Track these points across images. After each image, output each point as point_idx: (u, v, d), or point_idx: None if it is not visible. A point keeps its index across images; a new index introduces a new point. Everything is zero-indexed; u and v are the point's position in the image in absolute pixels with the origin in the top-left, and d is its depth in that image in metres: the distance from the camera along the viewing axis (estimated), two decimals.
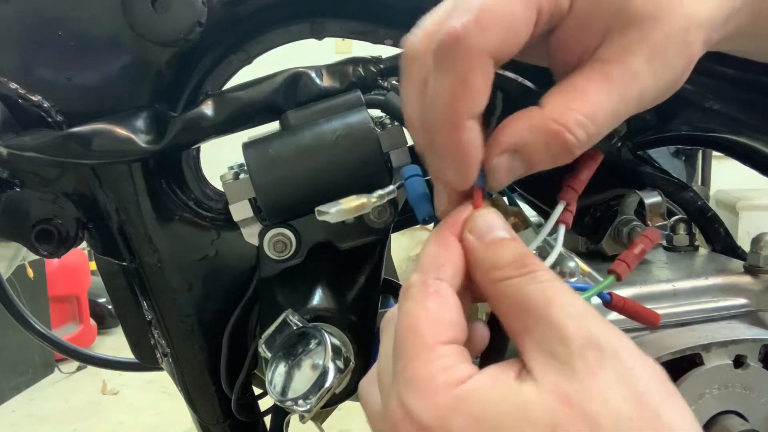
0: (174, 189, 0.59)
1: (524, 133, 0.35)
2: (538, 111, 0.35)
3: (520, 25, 0.34)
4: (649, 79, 0.35)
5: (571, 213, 0.41)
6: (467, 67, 0.34)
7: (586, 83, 0.35)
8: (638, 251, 0.41)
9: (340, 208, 0.41)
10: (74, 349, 0.80)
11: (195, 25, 0.50)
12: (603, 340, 0.30)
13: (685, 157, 2.94)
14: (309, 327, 0.49)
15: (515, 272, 0.33)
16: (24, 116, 0.52)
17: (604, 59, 0.35)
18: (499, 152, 0.36)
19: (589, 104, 0.34)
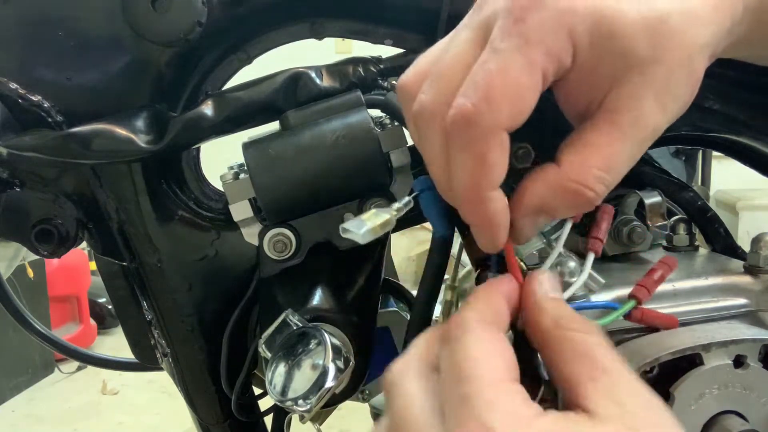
0: (174, 189, 0.59)
1: (545, 194, 0.37)
2: (555, 170, 0.37)
3: (528, 93, 0.35)
4: (659, 115, 0.36)
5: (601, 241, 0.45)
6: (484, 147, 0.35)
7: (599, 136, 0.36)
8: (658, 277, 0.45)
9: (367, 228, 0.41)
10: (74, 349, 0.80)
11: (195, 25, 0.50)
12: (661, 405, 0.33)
13: (685, 157, 2.94)
14: (309, 327, 0.49)
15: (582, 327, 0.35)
16: (24, 116, 0.52)
17: (612, 109, 0.36)
18: (523, 215, 0.38)
19: (605, 158, 0.36)
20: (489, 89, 0.34)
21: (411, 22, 0.58)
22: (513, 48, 0.34)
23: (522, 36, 0.34)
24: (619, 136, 0.36)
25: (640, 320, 0.45)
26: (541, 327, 0.36)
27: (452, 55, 0.37)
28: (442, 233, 0.43)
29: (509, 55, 0.34)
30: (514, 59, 0.34)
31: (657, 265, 0.44)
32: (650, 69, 0.35)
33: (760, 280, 0.51)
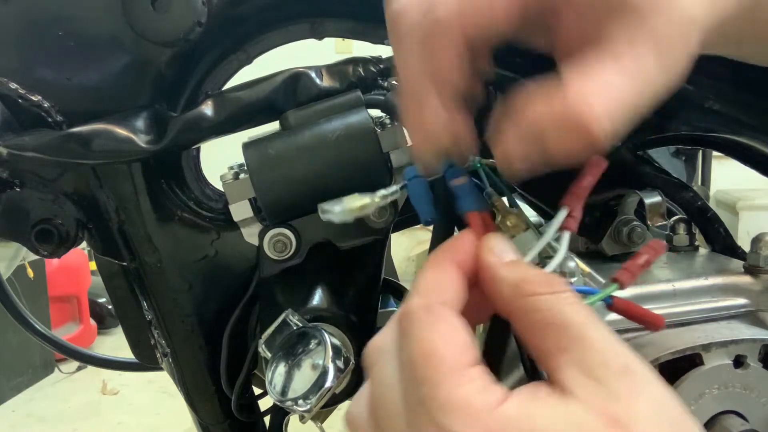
0: (174, 189, 0.59)
1: (545, 118, 0.32)
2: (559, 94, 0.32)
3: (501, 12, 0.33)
4: (657, 71, 0.33)
5: (575, 219, 0.41)
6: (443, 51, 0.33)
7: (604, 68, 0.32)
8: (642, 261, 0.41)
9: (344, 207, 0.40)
10: (74, 349, 0.80)
11: (195, 25, 0.50)
12: (635, 366, 0.31)
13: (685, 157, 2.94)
14: (309, 327, 0.49)
15: (546, 289, 0.32)
16: (24, 116, 0.52)
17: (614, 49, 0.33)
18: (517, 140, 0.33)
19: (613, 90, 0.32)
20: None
21: None
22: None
23: None
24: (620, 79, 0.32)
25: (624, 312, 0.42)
26: (503, 299, 0.33)
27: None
28: (427, 217, 0.41)
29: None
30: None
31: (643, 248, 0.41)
32: (651, 18, 0.32)
33: (760, 280, 0.51)
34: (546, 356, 0.31)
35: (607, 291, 0.39)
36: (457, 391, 0.30)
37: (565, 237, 0.40)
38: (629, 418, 0.29)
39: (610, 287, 0.40)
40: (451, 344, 0.31)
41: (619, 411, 0.29)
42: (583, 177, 0.42)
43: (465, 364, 0.31)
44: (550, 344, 0.31)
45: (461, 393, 0.30)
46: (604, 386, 0.30)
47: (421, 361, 0.31)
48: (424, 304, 0.33)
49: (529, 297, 0.32)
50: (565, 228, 0.40)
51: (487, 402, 0.29)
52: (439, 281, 0.34)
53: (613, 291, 0.40)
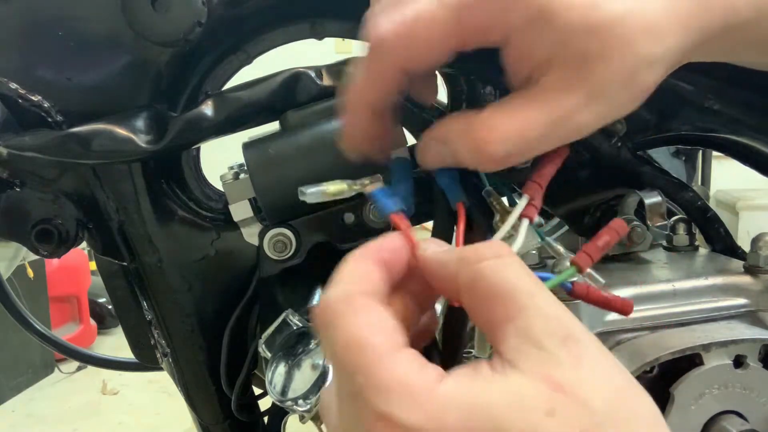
0: (174, 189, 0.59)
1: (453, 131, 0.38)
2: (472, 116, 0.37)
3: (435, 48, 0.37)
4: (586, 113, 0.36)
5: (536, 207, 0.41)
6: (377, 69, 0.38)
7: (519, 105, 0.37)
8: (602, 243, 0.40)
9: (319, 189, 0.42)
10: (74, 349, 0.80)
11: (195, 25, 0.50)
12: (578, 333, 0.31)
13: (685, 157, 2.93)
14: (309, 327, 0.49)
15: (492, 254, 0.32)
16: (24, 116, 0.52)
17: (544, 88, 0.36)
18: (429, 138, 0.40)
19: (519, 123, 0.36)
20: (405, 24, 0.36)
21: None
22: (449, 3, 0.36)
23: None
24: (539, 114, 0.36)
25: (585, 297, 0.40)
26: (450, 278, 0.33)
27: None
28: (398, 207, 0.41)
29: (441, 7, 0.36)
30: (441, 14, 0.36)
31: (604, 230, 0.40)
32: (590, 65, 0.35)
33: (760, 280, 0.51)
34: (492, 328, 0.31)
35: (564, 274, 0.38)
36: (392, 374, 0.29)
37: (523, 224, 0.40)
38: (574, 383, 0.29)
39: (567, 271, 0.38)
40: (377, 330, 0.31)
41: (564, 377, 0.29)
42: (543, 165, 0.42)
43: (396, 347, 0.30)
44: (497, 314, 0.31)
45: (397, 375, 0.29)
46: (547, 353, 0.29)
47: (350, 351, 0.30)
48: (344, 295, 0.32)
49: (475, 264, 0.32)
50: (524, 216, 0.40)
51: (425, 381, 0.29)
52: (357, 272, 0.34)
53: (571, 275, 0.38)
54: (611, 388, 0.29)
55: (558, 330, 0.30)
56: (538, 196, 0.41)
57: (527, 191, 0.41)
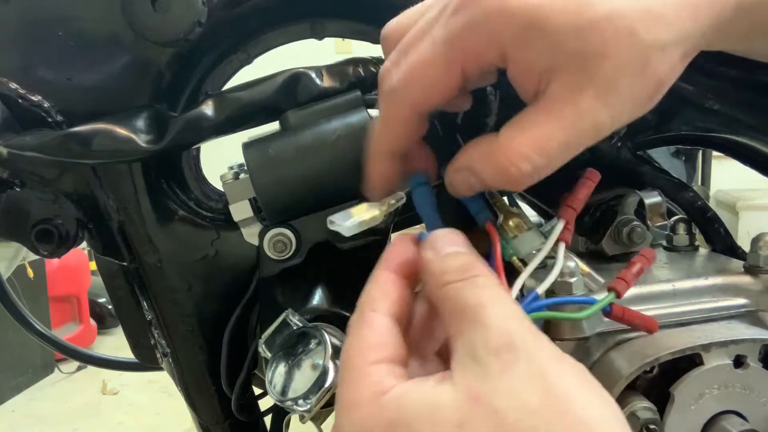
0: (174, 189, 0.59)
1: (476, 158, 0.39)
2: (490, 139, 0.38)
3: (439, 85, 0.38)
4: (601, 111, 0.36)
5: (570, 231, 0.43)
6: (394, 115, 0.40)
7: (536, 119, 0.37)
8: (636, 270, 0.43)
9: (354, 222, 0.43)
10: (74, 349, 0.80)
11: (195, 25, 0.50)
12: (519, 342, 0.31)
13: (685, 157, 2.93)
14: (309, 327, 0.49)
15: (458, 277, 0.35)
16: (24, 116, 0.52)
17: (552, 97, 0.36)
18: (455, 170, 0.40)
19: (535, 140, 0.37)
20: (409, 73, 0.38)
21: None
22: (440, 41, 0.37)
23: (450, 31, 0.37)
24: (554, 124, 0.36)
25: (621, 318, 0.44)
26: (430, 292, 0.37)
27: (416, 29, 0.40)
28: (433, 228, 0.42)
29: (434, 47, 0.37)
30: (436, 52, 0.37)
31: (636, 257, 0.43)
32: (593, 64, 0.35)
33: (760, 280, 0.51)
34: (450, 342, 0.34)
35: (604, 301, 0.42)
36: (353, 389, 0.34)
37: (561, 248, 0.42)
38: (492, 394, 0.30)
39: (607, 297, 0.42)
40: (361, 346, 0.35)
41: (483, 388, 0.30)
42: (578, 190, 0.45)
43: (367, 363, 0.34)
44: (453, 330, 0.33)
45: (355, 390, 0.33)
46: (478, 365, 0.31)
47: (341, 365, 0.36)
48: (357, 316, 0.37)
49: (443, 287, 0.35)
50: (560, 240, 0.43)
51: (372, 393, 0.33)
52: (371, 291, 0.38)
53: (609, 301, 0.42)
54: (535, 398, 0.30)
55: (495, 340, 0.32)
56: (572, 220, 0.43)
57: (563, 215, 0.44)
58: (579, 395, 0.30)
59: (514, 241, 0.42)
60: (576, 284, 0.46)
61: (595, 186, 0.45)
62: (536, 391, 0.30)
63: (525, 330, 0.32)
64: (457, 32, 0.36)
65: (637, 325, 0.45)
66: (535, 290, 0.42)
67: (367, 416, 0.32)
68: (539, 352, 0.32)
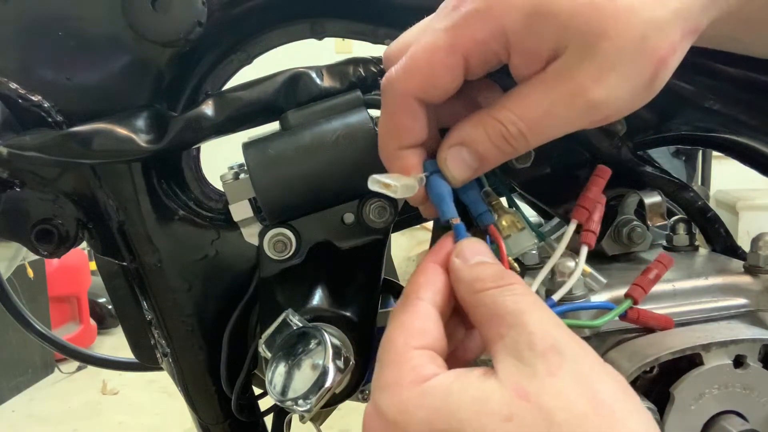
0: (174, 189, 0.59)
1: (467, 130, 0.39)
2: (481, 111, 0.39)
3: (441, 72, 0.38)
4: (598, 89, 0.36)
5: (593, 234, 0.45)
6: (395, 109, 0.40)
7: (530, 92, 0.38)
8: (653, 276, 0.45)
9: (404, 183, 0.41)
10: (74, 349, 0.80)
11: (195, 25, 0.50)
12: (565, 347, 0.33)
13: (685, 157, 2.94)
14: (309, 327, 0.49)
15: (494, 284, 0.36)
16: (24, 116, 0.52)
17: (550, 74, 0.37)
18: (447, 146, 0.40)
19: (527, 108, 0.38)
20: (410, 61, 0.38)
21: (411, 23, 0.58)
22: (441, 28, 0.37)
23: (453, 20, 0.37)
24: (545, 95, 0.37)
25: (637, 320, 0.45)
26: (462, 298, 0.38)
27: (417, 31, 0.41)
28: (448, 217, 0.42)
29: (436, 35, 0.38)
30: (438, 38, 0.37)
31: (653, 264, 0.45)
32: (592, 44, 0.35)
33: (760, 280, 0.51)
34: (489, 345, 0.35)
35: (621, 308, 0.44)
36: (393, 371, 0.35)
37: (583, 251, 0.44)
38: (540, 392, 0.31)
39: (624, 304, 0.44)
40: (402, 330, 0.36)
41: (532, 386, 0.31)
42: (588, 188, 0.45)
43: (410, 347, 0.35)
44: (492, 332, 0.35)
45: (395, 372, 0.34)
46: (525, 365, 0.32)
47: (381, 347, 0.37)
48: (402, 302, 0.38)
49: (478, 293, 0.36)
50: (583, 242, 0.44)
51: (413, 378, 0.33)
52: (418, 280, 0.39)
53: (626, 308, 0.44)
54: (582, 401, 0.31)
55: (540, 343, 0.33)
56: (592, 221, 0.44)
57: (576, 216, 0.44)
58: (624, 404, 0.31)
59: (507, 240, 0.42)
60: (576, 284, 0.46)
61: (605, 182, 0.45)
62: (583, 394, 0.31)
63: (568, 335, 0.33)
64: (460, 21, 0.37)
65: (653, 325, 0.46)
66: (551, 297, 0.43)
67: (408, 399, 0.33)
68: (584, 357, 0.33)
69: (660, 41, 0.36)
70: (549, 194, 0.57)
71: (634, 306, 0.45)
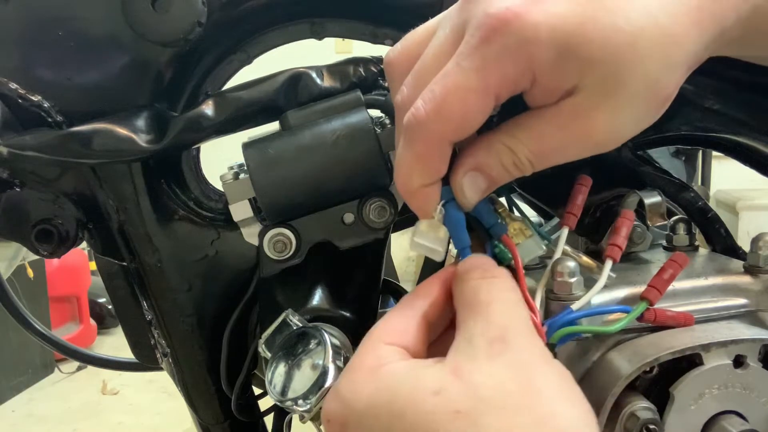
0: (174, 189, 0.59)
1: (481, 154, 0.40)
2: (490, 134, 0.40)
3: (476, 115, 0.38)
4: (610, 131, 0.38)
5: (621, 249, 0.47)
6: (425, 150, 0.39)
7: (542, 123, 0.38)
8: (668, 276, 0.45)
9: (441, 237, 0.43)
10: (74, 349, 0.80)
11: (195, 25, 0.50)
12: (513, 338, 0.34)
13: (685, 157, 2.94)
14: (309, 327, 0.49)
15: (478, 276, 0.38)
16: (24, 116, 0.52)
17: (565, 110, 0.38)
18: (462, 173, 0.41)
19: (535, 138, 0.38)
20: (442, 103, 0.37)
21: (411, 23, 0.58)
22: (473, 68, 0.37)
23: (484, 59, 0.36)
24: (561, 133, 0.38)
25: (654, 321, 0.46)
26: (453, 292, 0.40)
27: (431, 54, 0.40)
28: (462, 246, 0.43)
29: (467, 75, 0.37)
30: (470, 80, 0.37)
31: (667, 263, 0.45)
32: (610, 90, 0.36)
33: (760, 280, 0.51)
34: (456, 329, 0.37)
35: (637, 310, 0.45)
36: (358, 359, 0.37)
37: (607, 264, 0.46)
38: (473, 371, 0.33)
39: (640, 306, 0.45)
40: (384, 326, 0.39)
41: (467, 365, 0.33)
42: (575, 196, 0.48)
43: (383, 342, 0.37)
44: (461, 318, 0.37)
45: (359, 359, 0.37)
46: (472, 348, 0.34)
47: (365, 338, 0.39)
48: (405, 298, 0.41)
49: (463, 283, 0.38)
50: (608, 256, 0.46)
51: (374, 364, 0.36)
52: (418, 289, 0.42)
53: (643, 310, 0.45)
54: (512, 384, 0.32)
55: (492, 331, 0.35)
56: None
57: (566, 222, 0.47)
58: (556, 395, 0.33)
59: (516, 247, 0.43)
60: (576, 284, 0.46)
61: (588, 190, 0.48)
62: (516, 379, 0.33)
63: (521, 328, 0.35)
64: (492, 60, 0.36)
65: (672, 324, 0.47)
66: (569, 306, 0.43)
67: (360, 381, 0.36)
68: (528, 349, 0.34)
69: (668, 83, 0.37)
70: (549, 194, 0.57)
71: (650, 307, 0.45)
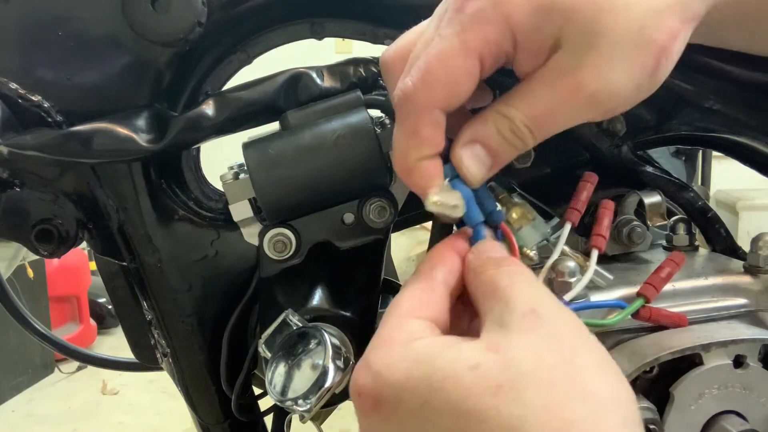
0: (174, 189, 0.59)
1: (478, 125, 0.40)
2: (487, 109, 0.40)
3: (462, 78, 0.38)
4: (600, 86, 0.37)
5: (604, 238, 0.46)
6: (417, 121, 0.39)
7: (531, 86, 0.38)
8: (665, 275, 0.45)
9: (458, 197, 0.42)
10: (74, 349, 0.80)
11: (195, 25, 0.50)
12: (544, 311, 0.34)
13: (685, 157, 2.93)
14: (309, 327, 0.49)
15: (493, 267, 0.38)
16: (24, 116, 0.52)
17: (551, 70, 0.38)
18: (461, 145, 0.40)
19: (527, 103, 0.38)
20: (426, 71, 0.38)
21: (411, 23, 0.58)
22: (452, 33, 0.37)
23: (461, 23, 0.37)
24: (550, 93, 0.38)
25: (649, 319, 0.45)
26: (469, 286, 0.39)
27: (421, 43, 0.40)
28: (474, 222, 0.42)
29: (448, 40, 0.37)
30: (451, 44, 0.37)
31: (665, 262, 0.45)
32: (590, 39, 0.36)
33: (760, 280, 0.51)
34: (482, 319, 0.36)
35: (633, 306, 0.45)
36: (389, 332, 0.36)
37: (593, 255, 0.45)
38: (511, 346, 0.32)
39: (636, 302, 0.45)
40: (411, 298, 0.38)
41: (504, 339, 0.33)
42: (579, 193, 0.47)
43: (412, 315, 0.37)
44: (485, 308, 0.36)
45: (391, 333, 0.36)
46: (502, 327, 0.34)
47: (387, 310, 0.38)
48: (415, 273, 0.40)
49: (480, 275, 0.38)
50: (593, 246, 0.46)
51: (407, 338, 0.35)
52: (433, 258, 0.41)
53: (639, 306, 0.45)
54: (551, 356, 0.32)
55: (520, 307, 0.34)
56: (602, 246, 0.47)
57: (569, 218, 0.46)
58: (596, 369, 0.32)
59: (519, 232, 0.43)
60: (575, 284, 0.46)
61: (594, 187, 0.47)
62: (554, 352, 0.32)
63: (550, 302, 0.35)
64: (469, 23, 0.37)
65: (666, 323, 0.47)
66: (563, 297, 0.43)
67: (395, 354, 0.34)
68: (562, 321, 0.34)
69: (659, 30, 0.36)
70: (549, 194, 0.57)
71: (646, 305, 0.45)
